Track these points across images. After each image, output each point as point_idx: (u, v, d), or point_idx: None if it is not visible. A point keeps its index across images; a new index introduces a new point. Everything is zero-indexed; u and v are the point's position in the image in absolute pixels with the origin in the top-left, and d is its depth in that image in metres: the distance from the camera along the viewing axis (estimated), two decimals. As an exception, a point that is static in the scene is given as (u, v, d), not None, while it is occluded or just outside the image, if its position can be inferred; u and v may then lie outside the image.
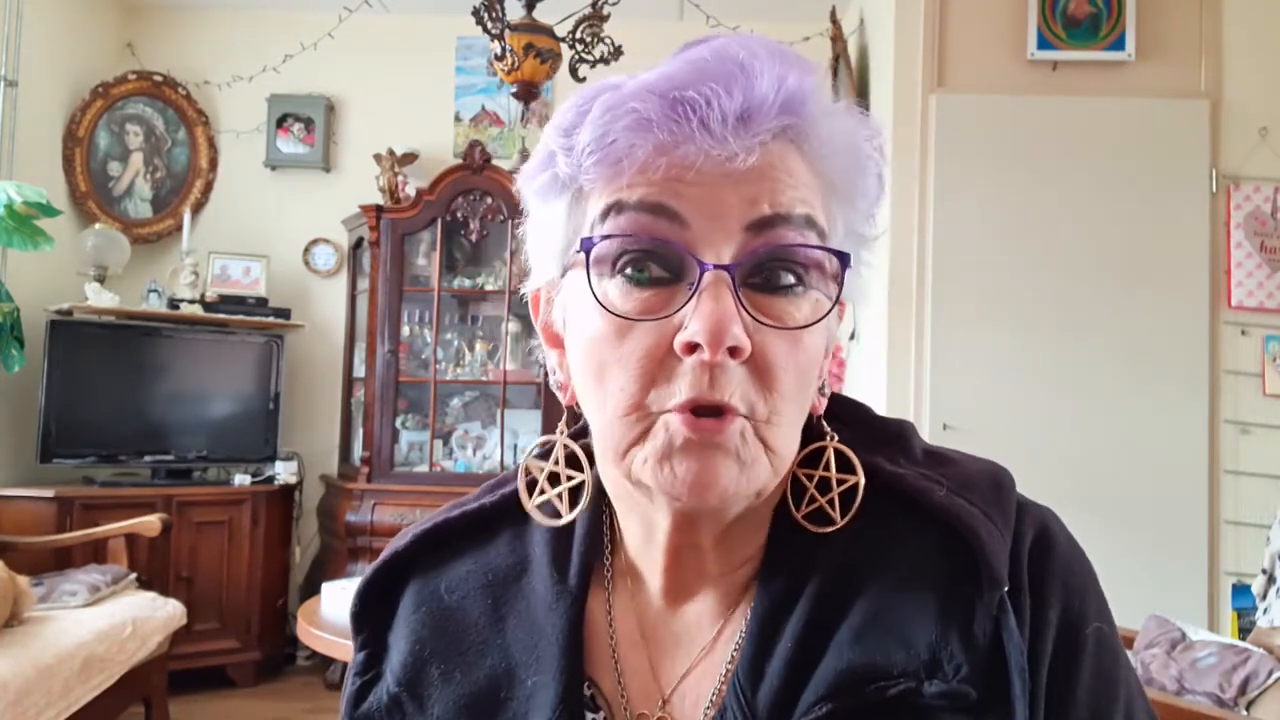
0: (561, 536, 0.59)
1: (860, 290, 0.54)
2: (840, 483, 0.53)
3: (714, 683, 0.53)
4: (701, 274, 0.47)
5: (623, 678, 0.55)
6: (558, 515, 0.57)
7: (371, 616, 0.61)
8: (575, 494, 0.57)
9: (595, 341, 0.49)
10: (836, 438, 0.55)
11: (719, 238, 0.47)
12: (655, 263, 0.48)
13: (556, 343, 0.57)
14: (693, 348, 0.46)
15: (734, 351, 0.46)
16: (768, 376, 0.48)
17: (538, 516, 0.57)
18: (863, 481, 0.53)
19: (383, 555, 0.62)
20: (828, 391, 0.56)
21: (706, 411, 0.47)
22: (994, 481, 0.54)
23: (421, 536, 0.62)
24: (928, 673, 0.47)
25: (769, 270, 0.49)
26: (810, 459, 0.55)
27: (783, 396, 0.48)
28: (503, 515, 0.61)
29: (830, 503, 0.53)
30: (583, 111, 0.50)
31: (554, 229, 0.54)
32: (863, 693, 0.47)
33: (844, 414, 0.58)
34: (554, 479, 0.57)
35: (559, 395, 0.57)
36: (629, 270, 0.49)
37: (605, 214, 0.49)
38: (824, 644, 0.49)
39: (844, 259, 0.50)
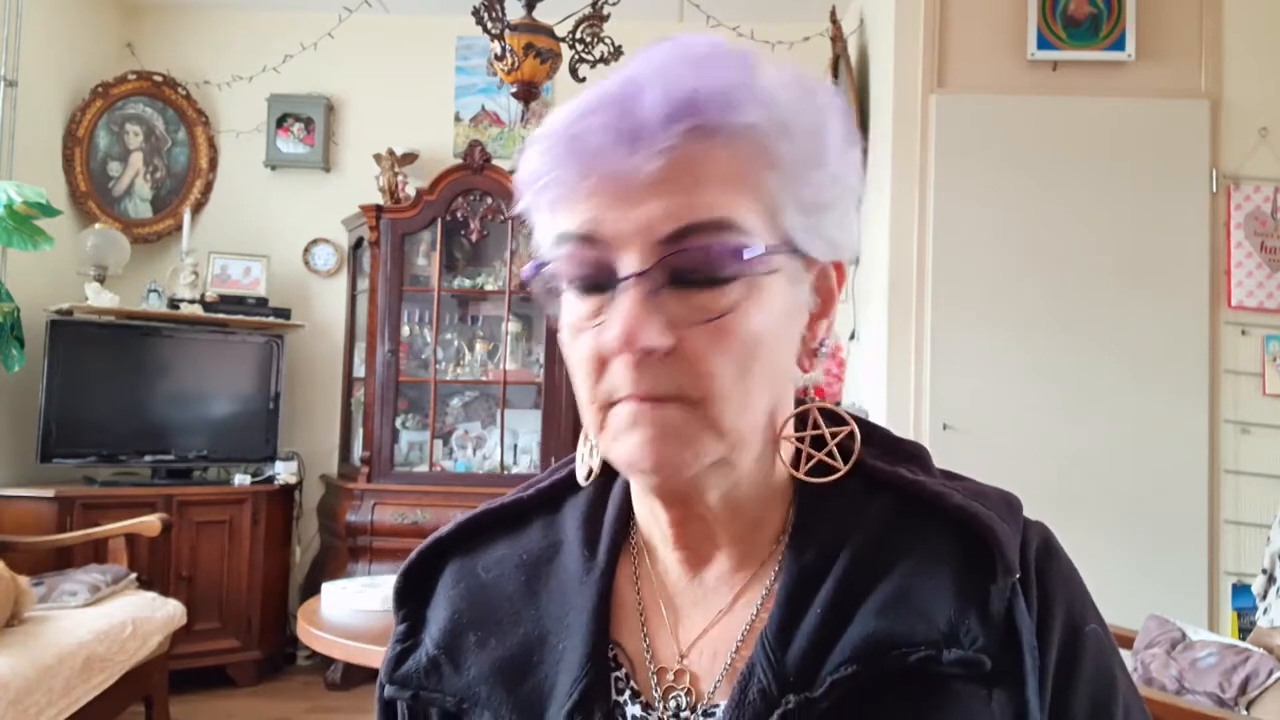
0: (592, 519, 0.64)
1: (840, 248, 0.58)
2: (835, 435, 0.59)
3: (732, 642, 0.57)
4: (618, 285, 0.52)
5: (648, 639, 0.60)
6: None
7: (413, 593, 0.66)
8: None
9: (565, 344, 0.56)
10: (820, 400, 0.61)
11: (634, 253, 0.52)
12: (593, 280, 0.54)
13: None
14: (615, 351, 0.52)
15: (651, 351, 0.51)
16: (695, 365, 0.52)
17: (582, 481, 0.64)
18: (857, 430, 0.59)
19: (426, 540, 0.67)
20: (823, 356, 0.60)
21: (646, 400, 0.52)
22: (1004, 498, 0.59)
23: (462, 525, 0.67)
24: (947, 643, 0.51)
25: (688, 269, 0.52)
26: (801, 425, 0.60)
27: (715, 379, 0.52)
28: (536, 507, 0.67)
29: (830, 455, 0.58)
30: (527, 147, 0.56)
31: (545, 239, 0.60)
32: (886, 658, 0.51)
33: (865, 433, 0.61)
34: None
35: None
36: (576, 285, 0.55)
37: (555, 244, 0.55)
38: (850, 615, 0.53)
39: (742, 254, 0.52)
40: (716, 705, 0.56)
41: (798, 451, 0.59)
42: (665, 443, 0.52)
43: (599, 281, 0.53)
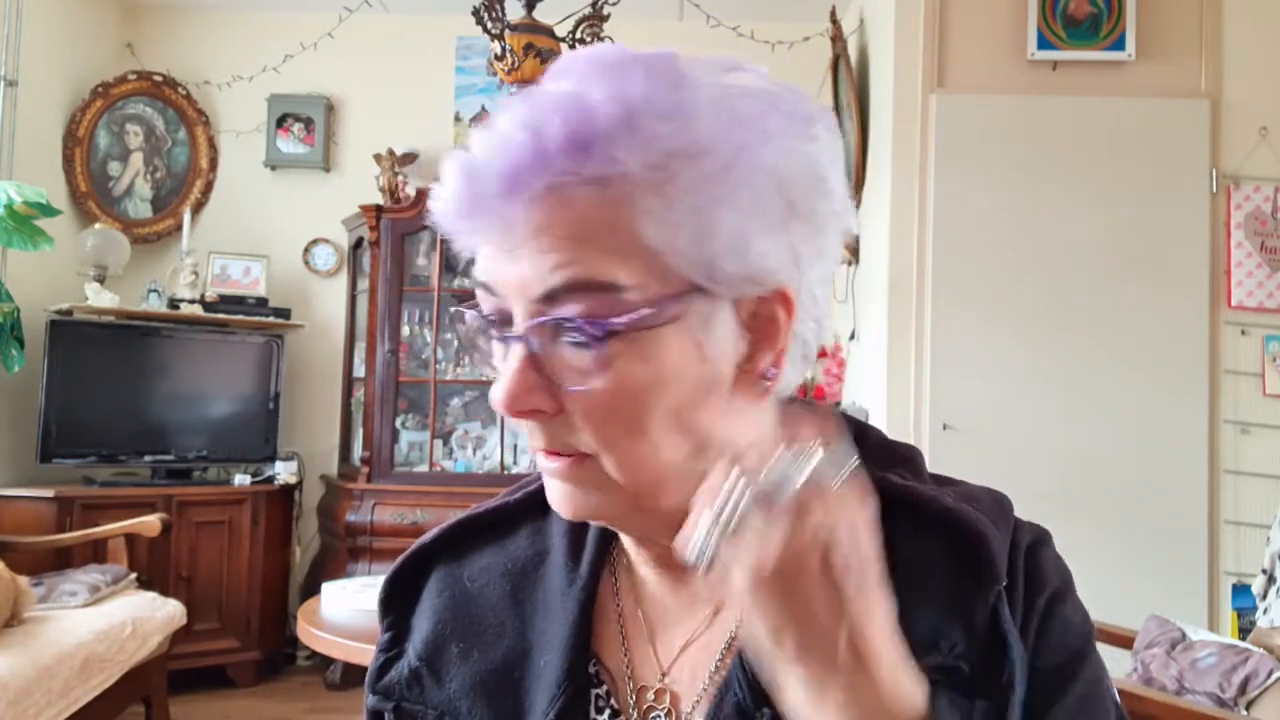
0: (576, 529, 0.63)
1: (781, 274, 0.51)
2: None
3: (713, 656, 0.56)
4: (506, 343, 0.51)
5: (628, 654, 0.59)
6: None
7: (398, 601, 0.65)
8: None
9: None
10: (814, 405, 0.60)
11: (519, 307, 0.50)
12: (497, 326, 0.53)
13: None
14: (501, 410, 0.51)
15: (534, 414, 0.51)
16: (585, 426, 0.51)
17: None
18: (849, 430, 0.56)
19: (411, 546, 0.66)
20: (771, 380, 0.54)
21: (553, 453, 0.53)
22: (996, 499, 0.58)
23: (447, 531, 0.66)
24: (925, 651, 0.49)
25: (562, 329, 0.49)
26: None
27: (606, 439, 0.51)
28: (524, 511, 0.66)
29: None
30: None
31: None
32: None
33: (857, 435, 0.59)
34: None
35: None
36: (491, 332, 0.54)
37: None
38: None
39: (607, 323, 0.48)
40: None
41: None
42: (574, 494, 0.53)
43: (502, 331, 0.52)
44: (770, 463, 0.42)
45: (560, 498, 0.54)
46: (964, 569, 0.53)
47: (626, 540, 0.60)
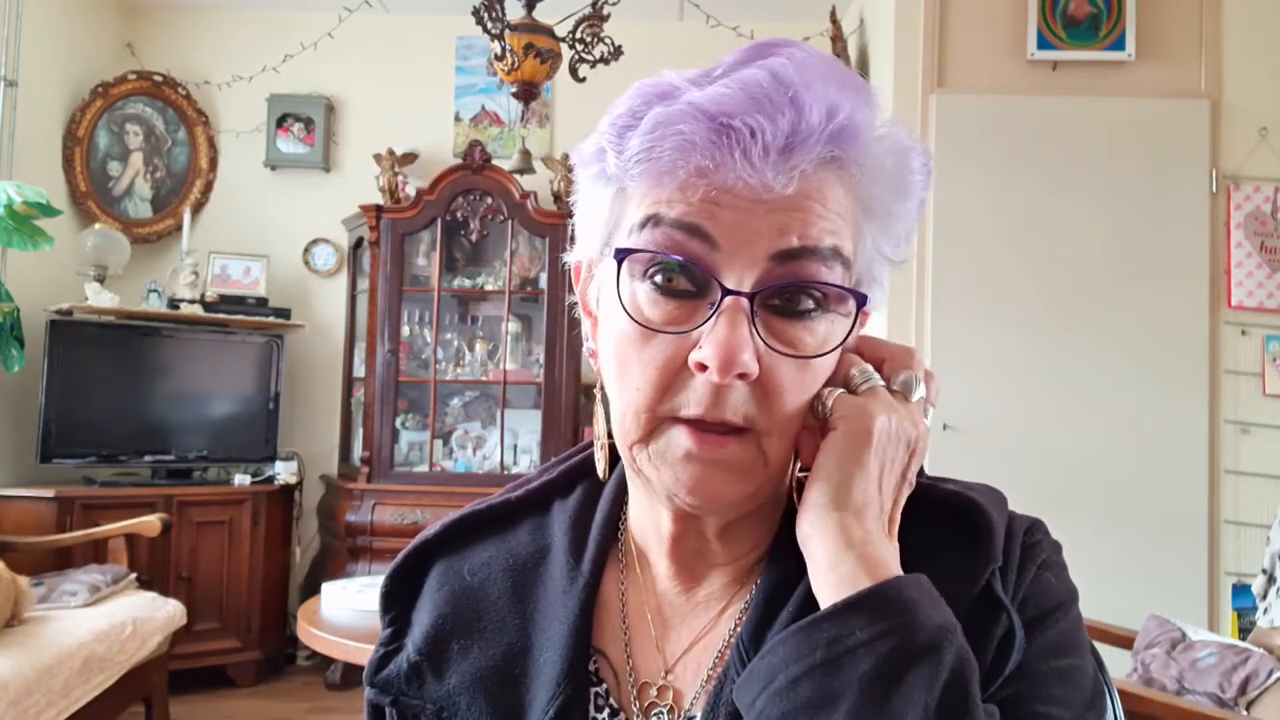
0: (580, 523, 0.63)
1: (880, 302, 0.57)
2: None
3: (713, 654, 0.57)
4: (722, 297, 0.49)
5: (630, 652, 0.59)
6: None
7: (399, 596, 0.65)
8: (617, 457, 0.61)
9: (620, 340, 0.53)
10: None
11: (744, 263, 0.50)
12: (684, 277, 0.51)
13: (590, 313, 0.60)
14: (704, 367, 0.49)
15: (742, 376, 0.49)
16: (773, 397, 0.51)
17: (603, 476, 0.63)
18: None
19: (413, 542, 0.66)
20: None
21: (711, 427, 0.50)
22: (992, 491, 0.59)
23: (449, 526, 0.66)
24: None
25: (789, 295, 0.51)
26: None
27: (785, 415, 0.51)
28: (526, 508, 0.66)
29: None
30: (637, 116, 0.51)
31: (599, 213, 0.56)
32: None
33: None
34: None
35: (592, 361, 0.60)
36: (658, 278, 0.51)
37: (643, 224, 0.51)
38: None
39: (860, 299, 0.53)
40: (694, 716, 0.55)
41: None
42: (719, 478, 0.51)
43: (695, 281, 0.51)
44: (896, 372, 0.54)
45: (703, 481, 0.51)
46: (956, 554, 0.53)
47: (654, 533, 0.59)
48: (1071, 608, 0.55)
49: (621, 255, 0.52)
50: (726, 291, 0.49)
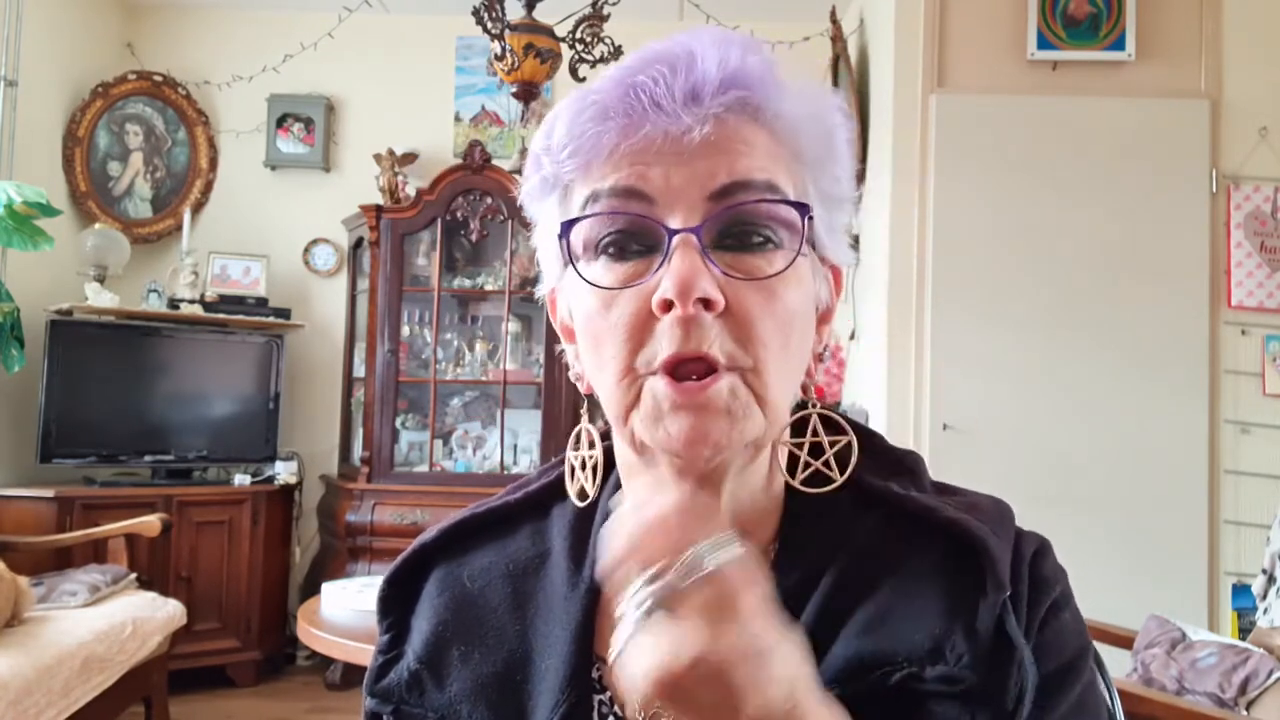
0: (580, 529, 0.62)
1: (843, 252, 0.59)
2: (833, 444, 0.58)
3: None
4: (670, 239, 0.51)
5: None
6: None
7: (397, 601, 0.64)
8: (606, 476, 0.61)
9: (590, 318, 0.54)
10: (819, 405, 0.59)
11: (684, 209, 0.51)
12: (633, 240, 0.53)
13: (572, 336, 0.60)
14: (668, 305, 0.50)
15: (707, 304, 0.50)
16: (745, 327, 0.51)
17: (577, 501, 0.62)
18: (855, 441, 0.58)
19: (410, 546, 0.65)
20: (825, 361, 0.59)
21: (689, 372, 0.50)
22: (997, 507, 0.58)
23: (447, 530, 0.65)
24: (930, 660, 0.49)
25: (738, 232, 0.52)
26: (800, 431, 0.59)
27: (764, 345, 0.51)
28: (525, 511, 0.65)
29: (826, 464, 0.58)
30: (557, 113, 0.55)
31: (553, 230, 0.57)
32: (868, 679, 0.49)
33: (861, 442, 0.60)
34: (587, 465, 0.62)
35: (579, 385, 0.60)
36: (610, 250, 0.53)
37: (585, 204, 0.54)
38: (834, 634, 0.52)
39: (803, 209, 0.53)
40: None
41: (793, 457, 0.58)
42: (709, 422, 0.51)
43: (643, 240, 0.52)
44: (679, 559, 0.42)
45: (698, 431, 0.50)
46: (966, 578, 0.52)
47: None
48: (1088, 660, 0.54)
49: (567, 226, 0.54)
50: (673, 233, 0.51)
